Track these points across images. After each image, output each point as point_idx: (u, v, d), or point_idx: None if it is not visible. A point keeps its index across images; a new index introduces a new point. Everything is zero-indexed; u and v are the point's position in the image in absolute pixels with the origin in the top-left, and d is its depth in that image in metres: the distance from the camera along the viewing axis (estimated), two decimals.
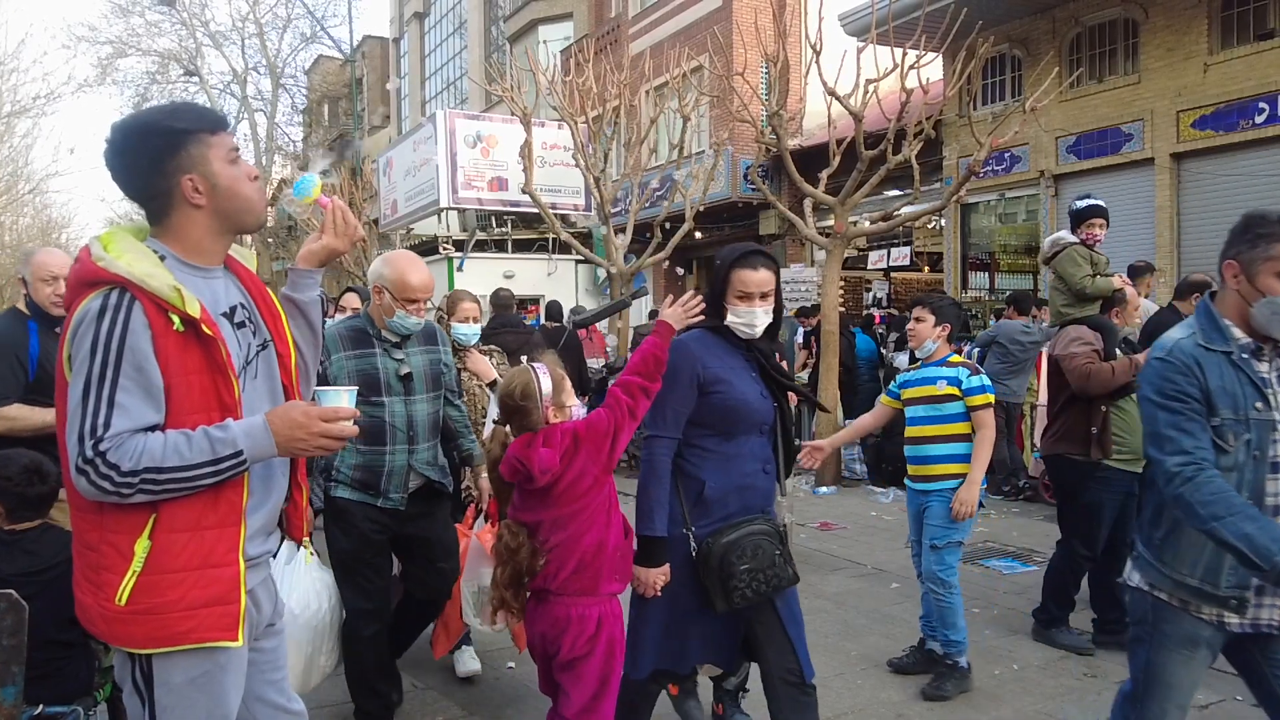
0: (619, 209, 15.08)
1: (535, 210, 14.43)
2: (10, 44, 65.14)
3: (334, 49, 32.42)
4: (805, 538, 6.76)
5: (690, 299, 2.66)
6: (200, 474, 1.72)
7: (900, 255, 14.62)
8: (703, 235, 16.65)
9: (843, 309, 11.59)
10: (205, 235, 1.88)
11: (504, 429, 2.70)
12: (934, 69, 10.89)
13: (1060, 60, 11.70)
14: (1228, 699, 3.82)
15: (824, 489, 8.87)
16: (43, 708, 2.63)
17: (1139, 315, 5.85)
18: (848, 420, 8.86)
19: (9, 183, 24.92)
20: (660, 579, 2.68)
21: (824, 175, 9.45)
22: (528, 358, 2.73)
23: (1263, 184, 10.05)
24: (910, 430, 4.15)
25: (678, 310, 2.64)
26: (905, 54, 8.78)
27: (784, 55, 9.96)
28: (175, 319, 1.74)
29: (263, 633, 2.00)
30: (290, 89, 34.32)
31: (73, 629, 2.46)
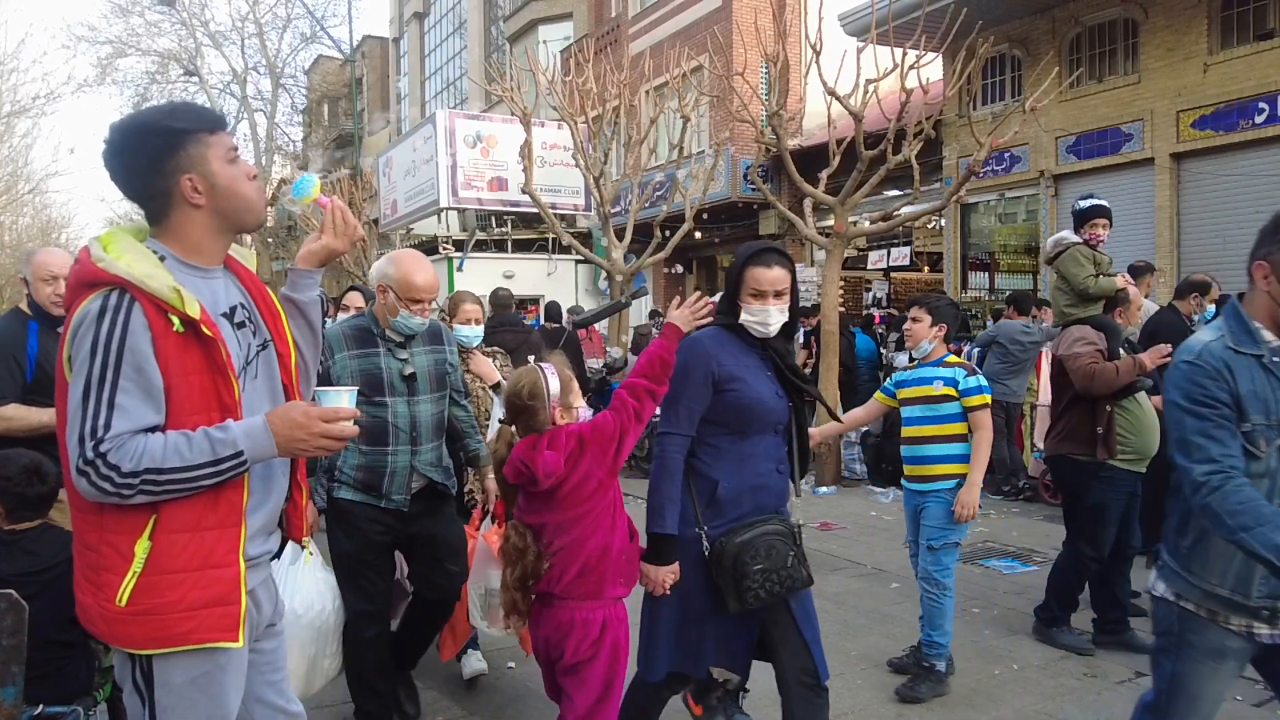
0: (619, 209, 15.09)
1: (535, 210, 14.44)
2: (10, 44, 65.24)
3: (334, 49, 32.46)
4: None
5: (697, 301, 2.61)
6: (200, 475, 1.72)
7: (900, 255, 14.62)
8: (703, 235, 16.65)
9: (843, 309, 11.61)
10: (205, 235, 1.88)
11: (510, 429, 2.67)
12: (934, 69, 10.90)
13: (1060, 60, 11.70)
14: (1227, 699, 3.80)
15: (824, 489, 8.88)
16: (43, 708, 2.63)
17: (1141, 315, 5.85)
18: None
19: (9, 183, 24.91)
20: (669, 577, 2.65)
21: (824, 175, 9.45)
22: (535, 357, 2.71)
23: (1263, 184, 10.05)
24: (906, 430, 4.14)
25: (685, 312, 2.59)
26: (905, 54, 8.78)
27: (784, 55, 9.96)
28: (175, 320, 1.74)
29: (263, 633, 2.00)
30: (290, 89, 34.37)
31: (72, 629, 2.46)
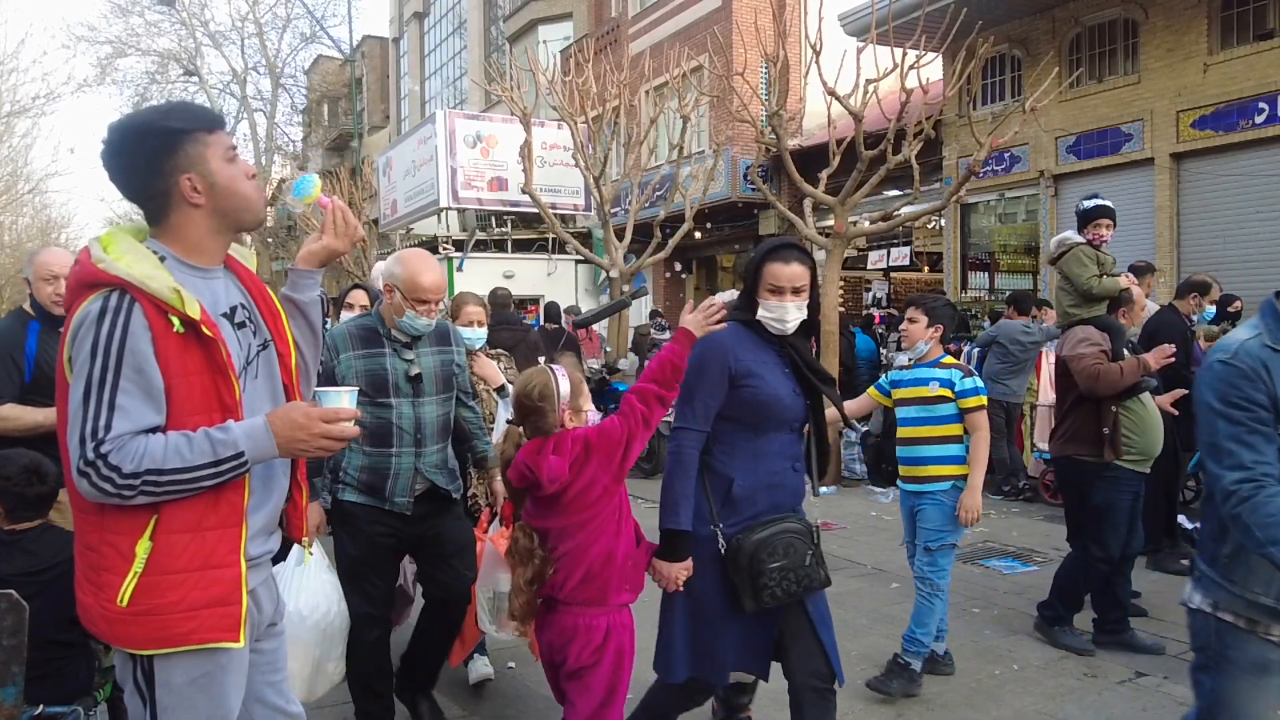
0: (619, 209, 15.09)
1: (535, 210, 14.44)
2: (10, 44, 65.26)
3: (334, 49, 32.46)
4: None
5: (710, 305, 2.55)
6: (201, 475, 1.73)
7: (900, 255, 14.62)
8: (702, 235, 16.66)
9: (842, 309, 11.61)
10: (205, 235, 1.88)
11: (518, 430, 2.65)
12: (934, 69, 10.90)
13: (1060, 60, 11.70)
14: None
15: (824, 489, 8.88)
16: (43, 708, 2.63)
17: (1144, 315, 5.84)
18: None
19: (9, 182, 24.90)
20: (682, 573, 2.62)
21: (824, 175, 9.45)
22: (546, 359, 2.70)
23: (1263, 184, 10.06)
24: (902, 431, 4.12)
25: (698, 317, 2.53)
26: (905, 54, 8.78)
27: (784, 55, 9.96)
28: (175, 320, 1.74)
29: (263, 633, 2.00)
30: (290, 89, 34.38)
31: (72, 629, 2.46)
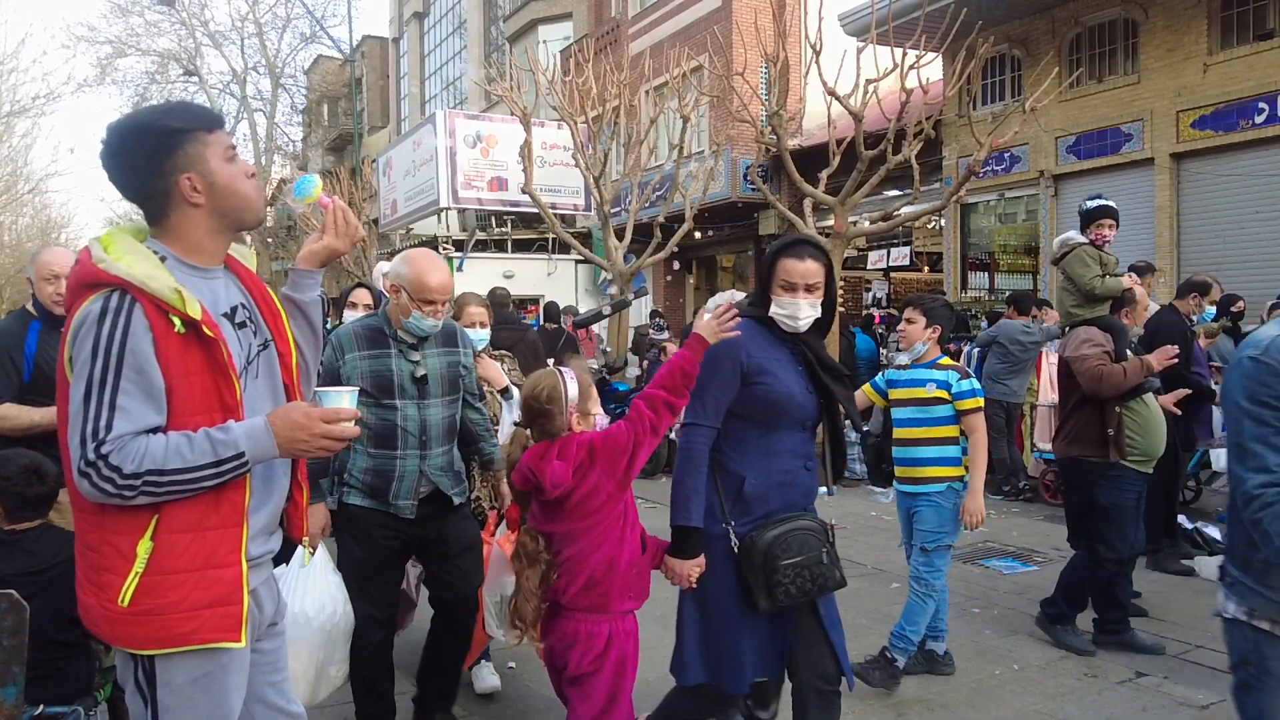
0: (619, 209, 15.09)
1: (535, 210, 14.44)
2: (10, 44, 65.29)
3: (333, 49, 32.46)
4: None
5: (725, 311, 2.51)
6: (202, 476, 1.73)
7: (900, 255, 14.62)
8: (702, 235, 16.66)
9: (842, 309, 11.60)
10: (205, 234, 1.88)
11: (525, 432, 2.63)
12: (934, 69, 10.90)
13: (1060, 60, 11.70)
14: (1228, 699, 3.79)
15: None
16: (43, 708, 2.62)
17: (1148, 315, 5.82)
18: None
19: (9, 182, 24.92)
20: (695, 570, 2.59)
21: (824, 175, 9.46)
22: (554, 361, 2.68)
23: (1263, 184, 10.06)
24: (898, 432, 4.10)
25: (712, 323, 2.49)
26: (905, 54, 8.79)
27: (784, 55, 9.97)
28: (176, 321, 1.74)
29: (264, 633, 2.00)
30: (290, 89, 34.40)
31: (72, 629, 2.46)
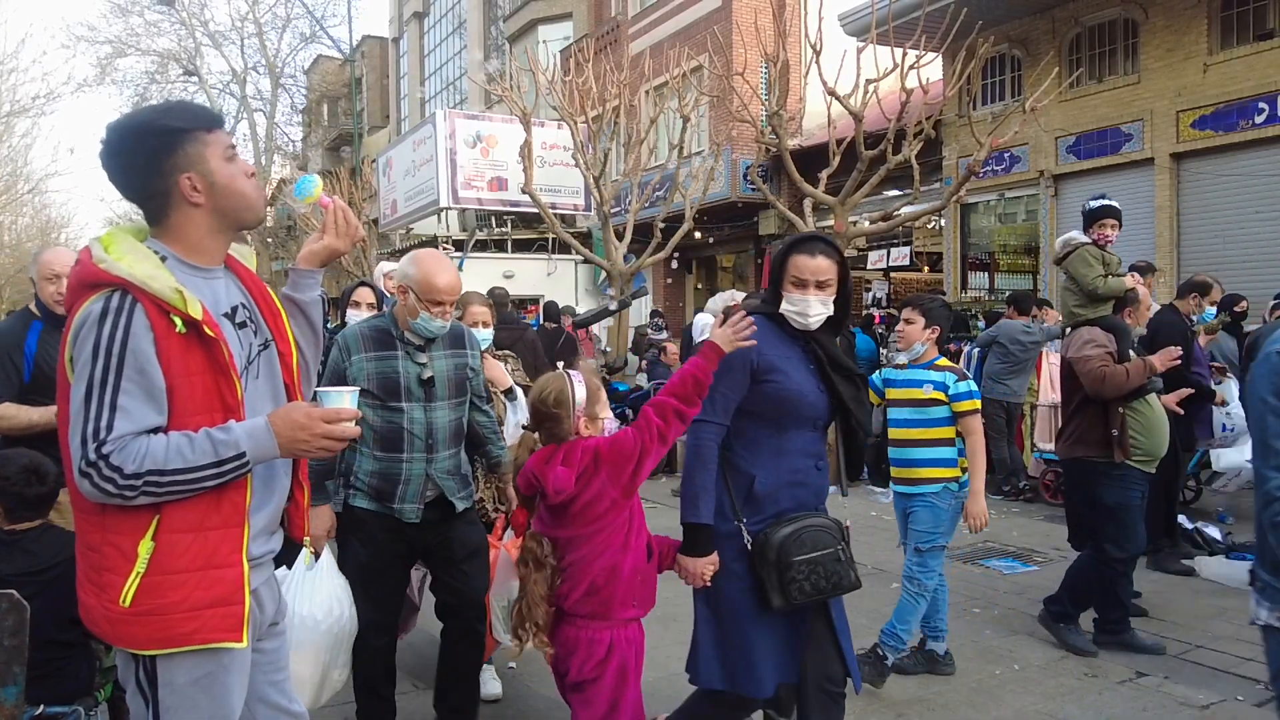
0: (619, 209, 15.09)
1: (535, 210, 14.44)
2: (10, 44, 65.31)
3: (333, 49, 32.47)
4: None
5: (741, 320, 2.48)
6: (203, 476, 1.73)
7: (900, 255, 14.62)
8: (703, 235, 16.66)
9: None
10: (205, 234, 1.88)
11: (532, 435, 2.62)
12: (934, 69, 10.90)
13: (1060, 60, 11.71)
14: (1229, 699, 3.81)
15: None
16: (44, 708, 2.62)
17: (1154, 314, 5.80)
18: None
19: (8, 182, 24.94)
20: (708, 568, 2.56)
21: (824, 175, 9.46)
22: (564, 364, 2.67)
23: (1263, 184, 10.06)
24: (894, 432, 4.09)
25: (727, 332, 2.46)
26: (905, 54, 8.79)
27: (784, 55, 9.98)
28: (177, 321, 1.74)
29: (265, 633, 2.00)
30: (290, 89, 34.42)
31: (72, 629, 2.46)
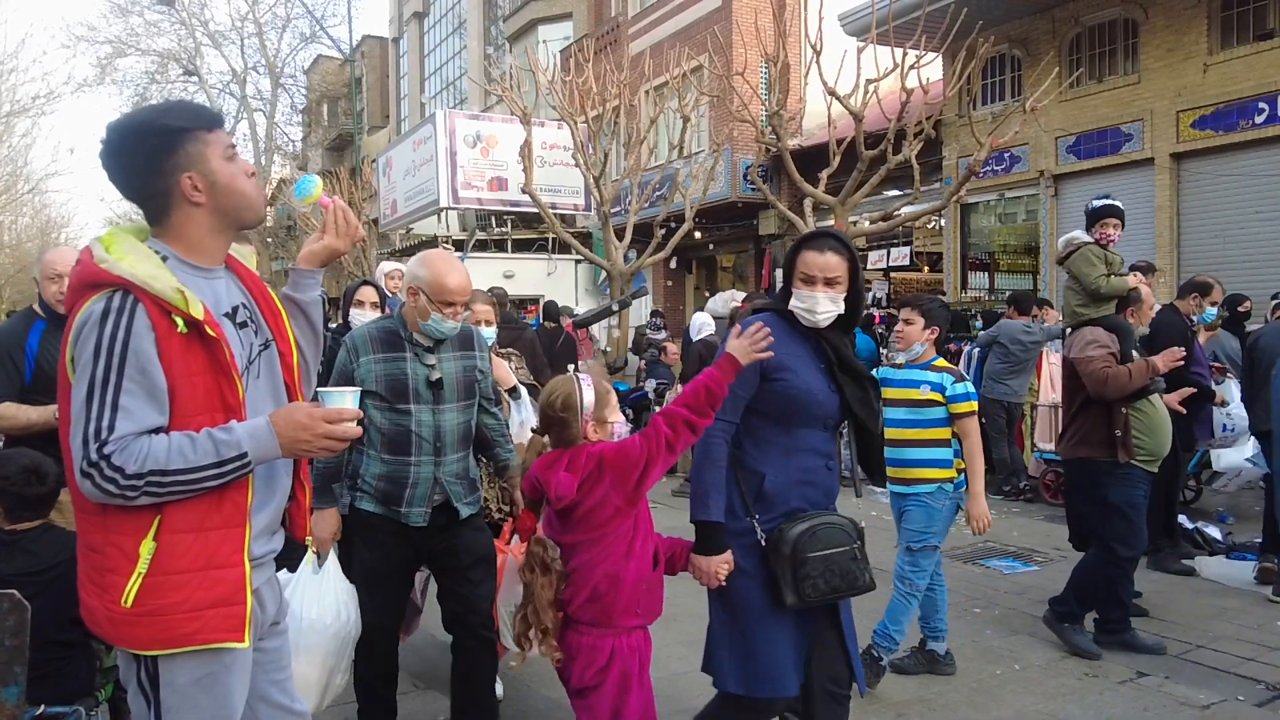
0: (619, 209, 15.09)
1: (535, 210, 14.45)
2: (10, 44, 65.33)
3: (333, 49, 32.49)
4: None
5: (757, 331, 2.44)
6: (205, 476, 1.72)
7: (900, 255, 14.63)
8: (703, 235, 16.66)
9: None
10: (206, 234, 1.87)
11: (541, 439, 2.60)
12: (934, 69, 10.90)
13: (1060, 60, 11.70)
14: (1229, 699, 3.81)
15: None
16: (44, 708, 2.62)
17: (1154, 314, 5.78)
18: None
19: (8, 182, 24.96)
20: (722, 567, 2.52)
21: (824, 175, 9.47)
22: (574, 367, 2.65)
23: (1263, 184, 10.07)
24: (890, 432, 4.03)
25: (744, 343, 2.41)
26: (905, 54, 8.80)
27: (784, 55, 9.99)
28: (179, 321, 1.73)
29: (267, 632, 2.00)
30: (289, 89, 34.45)
31: (73, 629, 2.46)
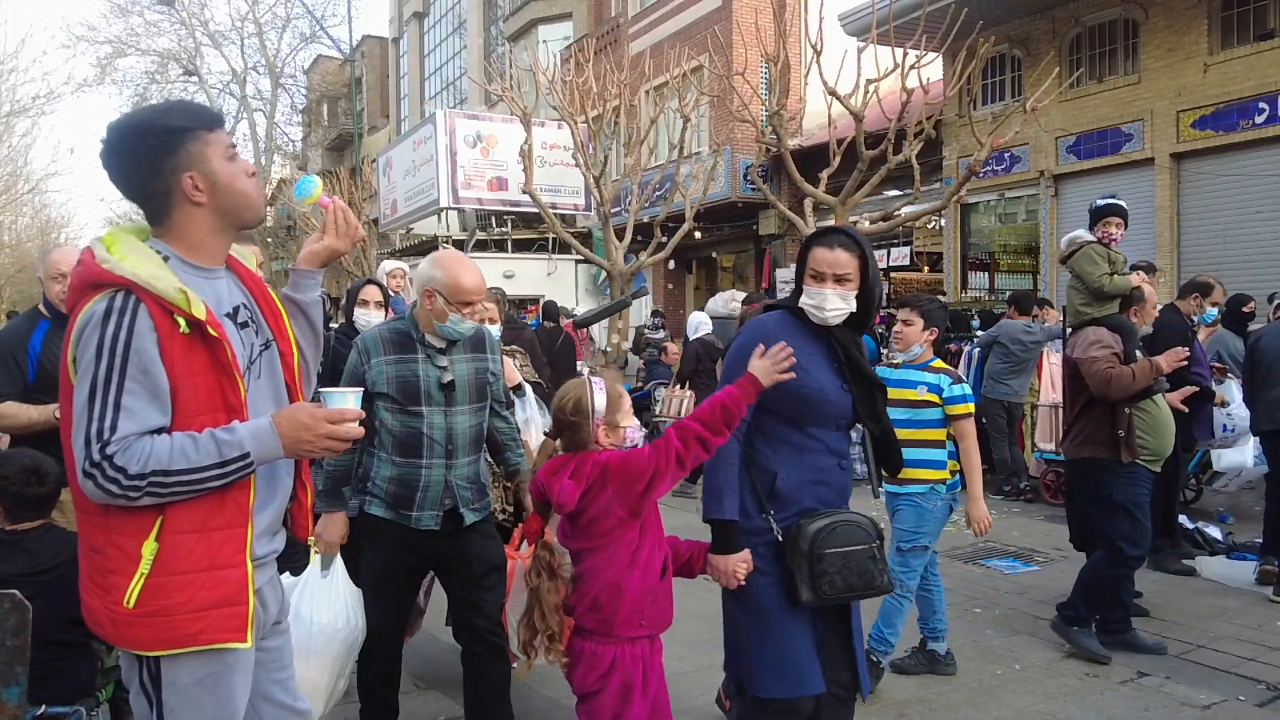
0: (619, 209, 15.09)
1: (535, 210, 14.45)
2: (10, 44, 65.34)
3: (333, 49, 32.50)
4: None
5: (780, 350, 2.38)
6: (207, 476, 1.72)
7: (900, 255, 14.64)
8: (703, 235, 16.66)
9: None
10: (207, 233, 1.87)
11: (553, 442, 2.59)
12: (934, 69, 10.90)
13: (1060, 60, 11.70)
14: (1230, 699, 3.81)
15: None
16: (45, 708, 2.62)
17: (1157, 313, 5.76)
18: None
19: (8, 182, 24.97)
20: (740, 566, 2.49)
21: (824, 175, 9.47)
22: (589, 370, 2.65)
23: (1263, 184, 10.07)
24: None
25: (767, 363, 2.35)
26: (905, 54, 8.80)
27: (784, 55, 9.99)
28: (181, 321, 1.73)
29: (269, 632, 1.99)
30: (290, 89, 34.46)
31: (73, 629, 2.46)
